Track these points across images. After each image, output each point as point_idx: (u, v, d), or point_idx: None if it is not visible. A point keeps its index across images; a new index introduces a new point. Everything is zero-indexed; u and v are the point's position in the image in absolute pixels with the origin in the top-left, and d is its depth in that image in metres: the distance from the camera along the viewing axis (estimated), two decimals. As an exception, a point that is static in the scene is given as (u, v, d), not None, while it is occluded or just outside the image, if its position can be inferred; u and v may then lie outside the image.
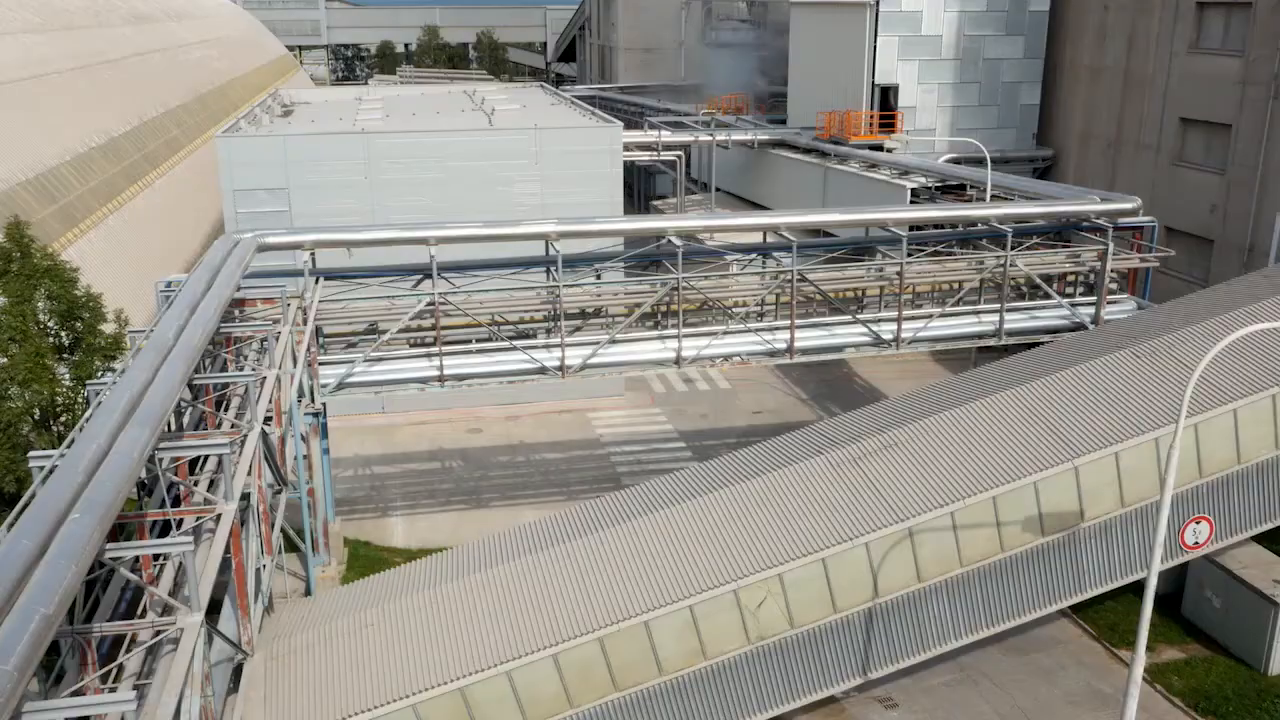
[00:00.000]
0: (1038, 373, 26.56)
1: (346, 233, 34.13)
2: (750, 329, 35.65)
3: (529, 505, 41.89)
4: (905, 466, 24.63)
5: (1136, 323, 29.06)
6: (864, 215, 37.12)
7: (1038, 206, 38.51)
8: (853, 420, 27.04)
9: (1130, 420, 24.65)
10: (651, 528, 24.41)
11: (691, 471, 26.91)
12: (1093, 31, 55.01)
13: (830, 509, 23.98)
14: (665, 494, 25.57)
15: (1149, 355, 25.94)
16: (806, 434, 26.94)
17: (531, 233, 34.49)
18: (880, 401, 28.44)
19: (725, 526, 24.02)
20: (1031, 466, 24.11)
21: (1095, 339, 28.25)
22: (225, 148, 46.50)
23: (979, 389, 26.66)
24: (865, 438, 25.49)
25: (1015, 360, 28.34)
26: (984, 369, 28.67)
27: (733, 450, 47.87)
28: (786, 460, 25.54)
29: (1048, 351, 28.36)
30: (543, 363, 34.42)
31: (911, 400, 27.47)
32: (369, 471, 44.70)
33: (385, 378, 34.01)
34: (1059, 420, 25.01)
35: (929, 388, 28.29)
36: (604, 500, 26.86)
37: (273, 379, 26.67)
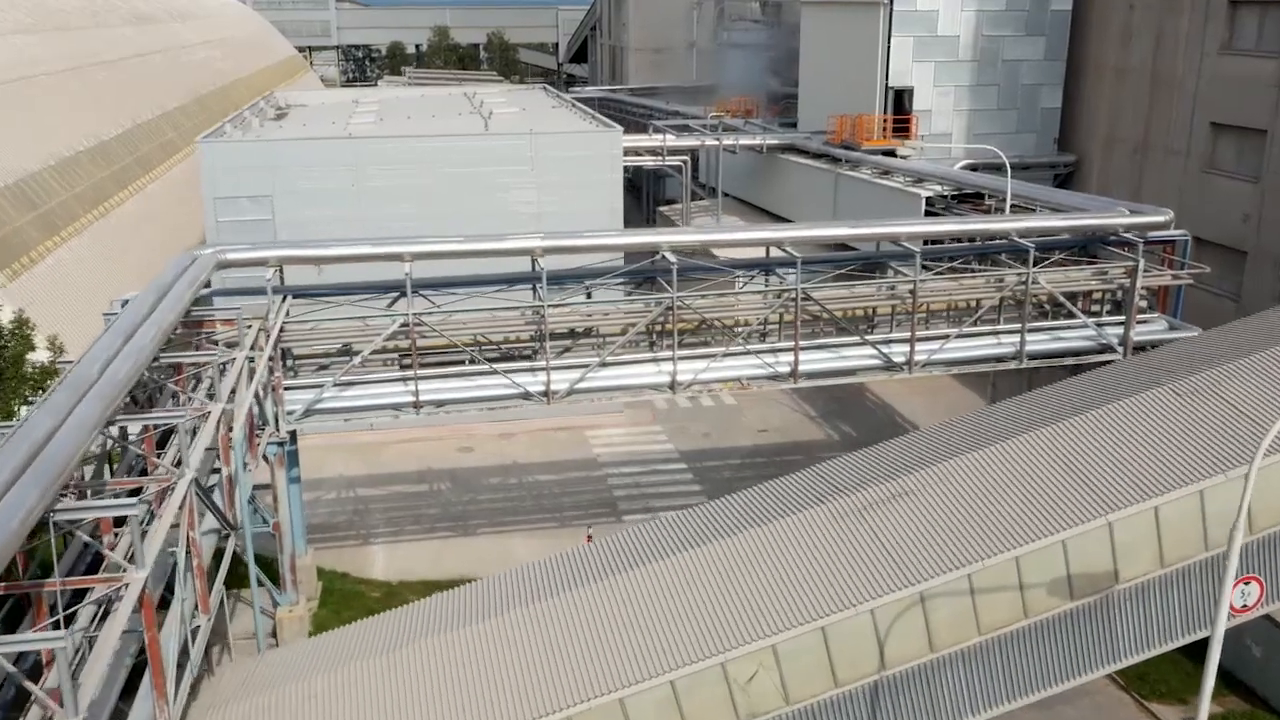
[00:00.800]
0: (1065, 412, 23.40)
1: (315, 248, 31.23)
2: (750, 350, 32.60)
3: (517, 532, 39.01)
4: (917, 520, 21.54)
5: (1175, 354, 25.83)
6: (874, 229, 34.01)
7: (1062, 220, 35.31)
8: (858, 462, 23.94)
9: (1172, 469, 21.49)
10: (630, 588, 21.42)
11: (676, 520, 23.89)
12: (1118, 31, 51.68)
13: (831, 569, 20.93)
14: (646, 547, 22.57)
15: (1192, 394, 22.76)
16: (805, 477, 23.87)
17: (515, 248, 31.55)
18: (889, 440, 25.28)
19: (713, 588, 21.01)
20: (1060, 522, 20.99)
21: (1128, 373, 25.04)
22: (207, 152, 43.72)
23: (999, 430, 23.52)
24: (871, 485, 22.42)
25: (1039, 396, 25.17)
26: (1005, 405, 25.50)
27: (736, 472, 45.51)
28: (783, 509, 22.48)
29: (1075, 386, 25.16)
30: (526, 388, 31.47)
31: (923, 440, 24.35)
32: (352, 494, 41.84)
33: (356, 404, 31.11)
34: (1090, 468, 21.87)
35: (943, 426, 25.15)
36: (580, 552, 23.89)
37: (217, 414, 23.77)
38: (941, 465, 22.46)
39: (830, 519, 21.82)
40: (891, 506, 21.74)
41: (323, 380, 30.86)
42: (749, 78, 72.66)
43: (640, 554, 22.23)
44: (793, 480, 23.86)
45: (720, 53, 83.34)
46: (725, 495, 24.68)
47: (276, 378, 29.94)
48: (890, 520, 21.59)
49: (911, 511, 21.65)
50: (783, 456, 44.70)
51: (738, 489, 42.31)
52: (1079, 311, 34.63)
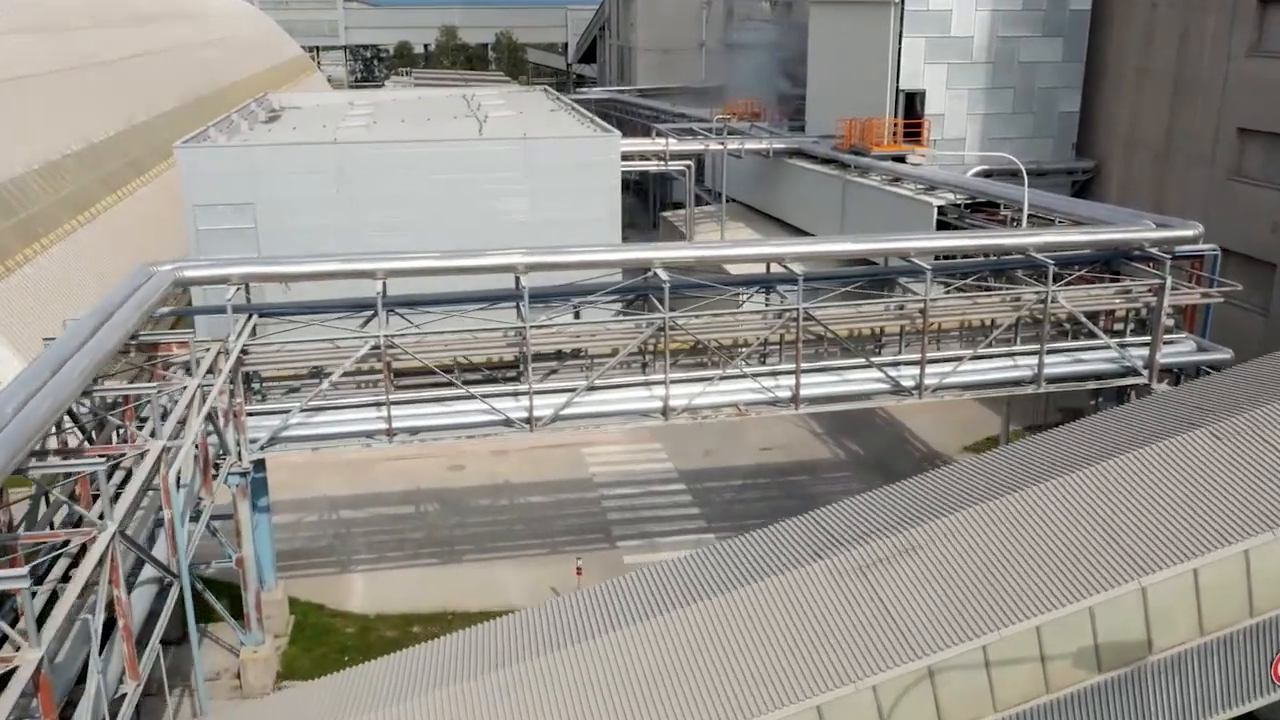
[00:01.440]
0: (1090, 456, 20.75)
1: (280, 264, 28.77)
2: (748, 374, 30.02)
3: (505, 560, 36.49)
4: (925, 581, 18.95)
5: (1213, 390, 23.11)
6: (882, 244, 31.37)
7: (1083, 234, 32.61)
8: (858, 510, 21.33)
9: (1213, 525, 18.86)
10: (602, 656, 18.89)
11: (655, 574, 21.34)
12: (1140, 32, 48.84)
13: (828, 638, 18.36)
14: (622, 608, 20.03)
15: (1234, 438, 20.09)
16: (800, 526, 21.30)
17: (496, 264, 29.06)
18: (894, 484, 22.65)
19: (692, 660, 18.47)
20: (1086, 586, 18.37)
21: (1160, 411, 22.35)
22: (185, 158, 41.38)
23: (1016, 475, 20.89)
24: (873, 538, 19.83)
25: (1060, 436, 22.51)
26: (1023, 446, 22.85)
27: (737, 493, 42.97)
28: (773, 565, 19.92)
29: (1100, 425, 22.49)
30: (507, 414, 28.97)
31: (932, 486, 21.73)
32: (335, 516, 39.37)
33: (325, 431, 28.66)
34: (1120, 523, 19.24)
35: (954, 469, 22.49)
36: (549, 608, 21.36)
37: (156, 451, 21.32)
38: (952, 517, 19.85)
39: (828, 578, 19.24)
40: (896, 565, 19.15)
41: (290, 405, 28.39)
42: (759, 79, 69.91)
43: (614, 616, 19.69)
44: (785, 529, 21.30)
45: (729, 53, 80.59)
46: (707, 546, 22.06)
47: (238, 403, 27.50)
48: (894, 581, 19.00)
49: (918, 571, 19.06)
50: (787, 477, 42.16)
51: (738, 513, 40.35)
52: (1100, 332, 31.97)
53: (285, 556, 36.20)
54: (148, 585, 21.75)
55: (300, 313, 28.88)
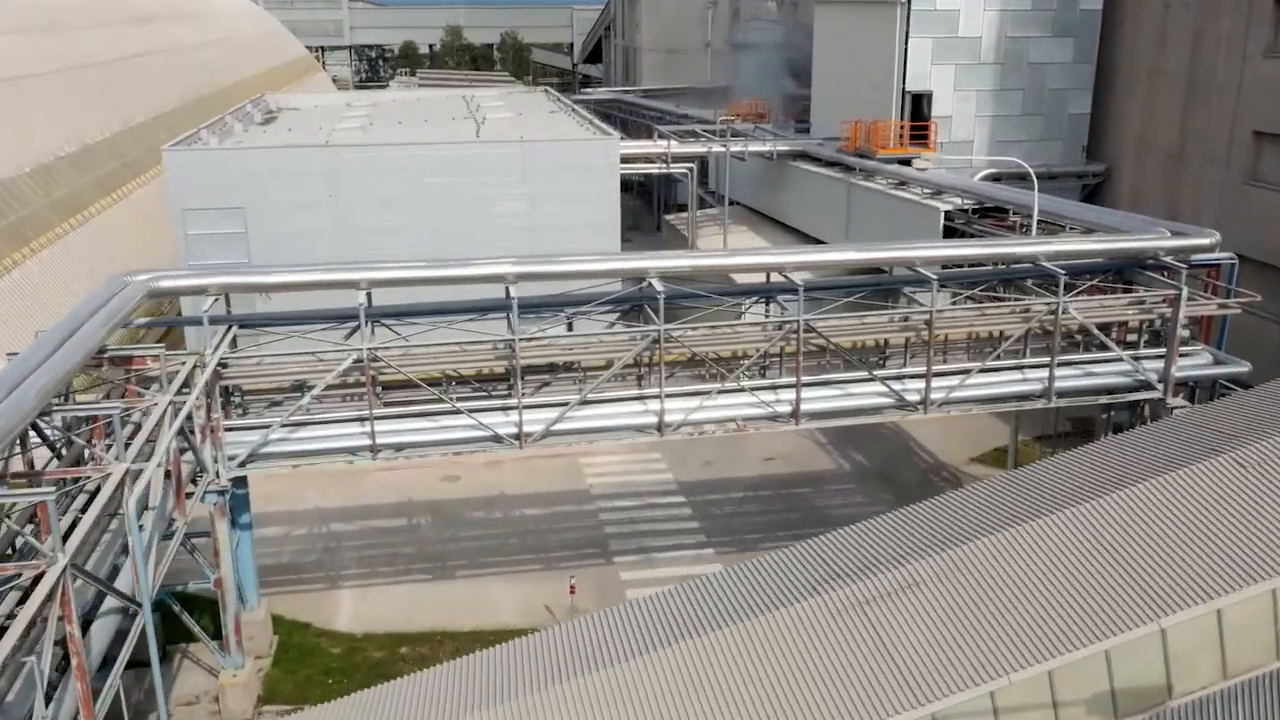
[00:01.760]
0: (1105, 484, 19.41)
1: (260, 275, 27.54)
2: (746, 388, 28.72)
3: (498, 576, 35.24)
4: (929, 619, 17.64)
5: (1233, 412, 21.74)
6: (886, 253, 30.03)
7: (1096, 242, 31.26)
8: (858, 540, 20.01)
9: (1237, 561, 17.52)
10: (580, 699, 17.62)
11: (640, 610, 20.05)
12: (1152, 32, 47.40)
13: (824, 681, 17.06)
14: (606, 646, 18.75)
15: (1260, 467, 18.75)
16: (799, 555, 19.99)
17: (485, 274, 27.77)
18: (898, 511, 21.32)
19: (676, 705, 17.17)
20: (1102, 626, 17.05)
21: (1179, 435, 20.99)
22: (172, 162, 40.20)
23: (1027, 504, 19.56)
24: (876, 571, 18.52)
25: (1074, 460, 21.16)
26: (1034, 471, 21.49)
27: (738, 506, 41.64)
28: (770, 599, 18.62)
29: (1117, 450, 21.13)
30: (496, 430, 27.72)
31: (937, 514, 20.39)
32: (325, 530, 38.15)
33: (307, 447, 27.44)
34: (1137, 558, 17.90)
35: (961, 495, 21.13)
36: (526, 646, 20.08)
37: (119, 475, 20.11)
38: (958, 550, 18.53)
39: (825, 615, 17.94)
40: (898, 601, 17.85)
41: (270, 420, 27.16)
42: (764, 80, 68.52)
43: (598, 653, 18.41)
44: (782, 559, 19.97)
45: (735, 54, 79.20)
46: (700, 578, 20.74)
47: (215, 419, 26.27)
48: (896, 619, 17.70)
49: (922, 608, 17.75)
50: (789, 489, 40.84)
51: (738, 526, 39.05)
52: (1113, 344, 30.62)
53: (272, 571, 35.07)
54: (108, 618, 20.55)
55: (282, 324, 27.64)
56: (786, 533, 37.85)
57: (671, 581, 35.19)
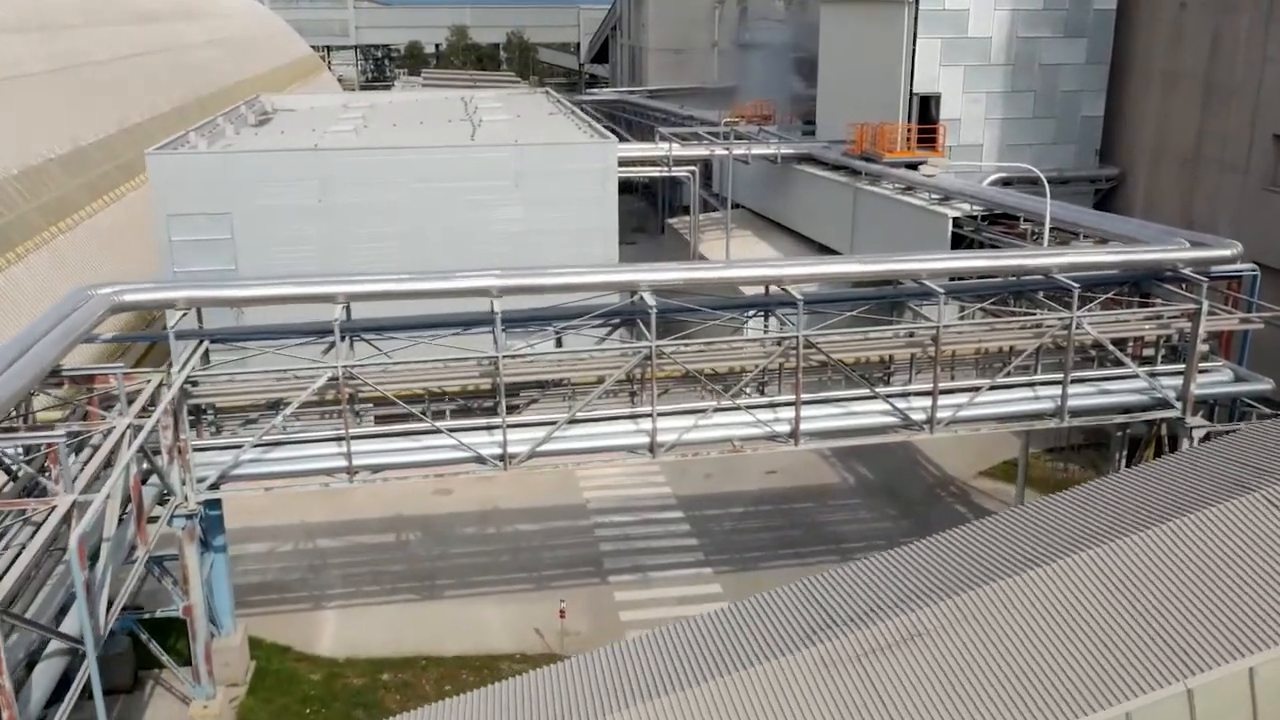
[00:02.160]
0: (1127, 523, 17.77)
1: (231, 288, 26.04)
2: (743, 406, 27.14)
3: (489, 596, 33.79)
4: (932, 675, 16.03)
5: (1264, 442, 20.07)
6: (890, 265, 28.39)
7: (1111, 253, 29.60)
8: (859, 580, 18.41)
9: (1272, 612, 15.88)
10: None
11: (628, 654, 18.46)
12: (1168, 33, 45.63)
13: (818, 745, 15.49)
14: (591, 694, 17.19)
15: (1294, 507, 17.14)
16: (787, 598, 18.37)
17: (468, 287, 26.23)
18: (903, 547, 19.68)
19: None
20: (1122, 686, 15.42)
21: (1206, 469, 19.31)
22: (156, 166, 38.73)
23: (1039, 544, 17.93)
24: (874, 620, 16.91)
25: (1091, 496, 19.50)
26: (1048, 505, 19.83)
27: (738, 521, 40.02)
28: (759, 649, 17.03)
29: (1138, 484, 19.46)
30: (479, 451, 26.19)
31: (945, 551, 18.78)
32: (310, 546, 36.68)
33: (280, 469, 25.95)
34: (1162, 607, 16.27)
35: (968, 532, 19.48)
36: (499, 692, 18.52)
37: (64, 507, 18.63)
38: (965, 597, 16.92)
39: (818, 668, 16.34)
40: (898, 654, 16.24)
41: (242, 440, 25.66)
42: (772, 80, 66.85)
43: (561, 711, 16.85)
44: (776, 600, 18.36)
45: (742, 54, 77.58)
46: (690, 620, 19.12)
47: (183, 440, 24.78)
48: (896, 674, 16.09)
49: (925, 663, 16.15)
50: (791, 504, 39.29)
51: (738, 544, 37.46)
52: (1129, 360, 28.96)
53: (254, 590, 33.69)
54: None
55: (256, 338, 26.14)
56: (788, 550, 36.36)
57: (667, 603, 34.07)
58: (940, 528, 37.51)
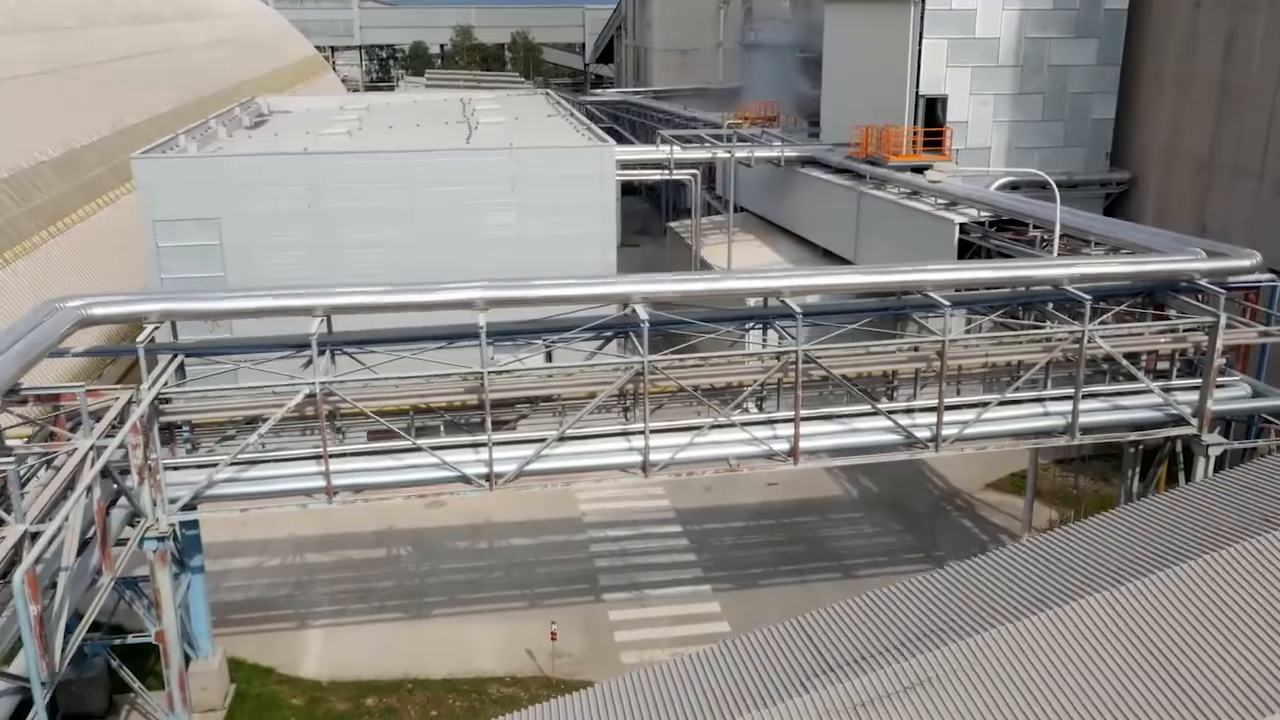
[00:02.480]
0: (1142, 561, 16.49)
1: (206, 300, 24.80)
2: (736, 423, 25.88)
3: (479, 615, 32.65)
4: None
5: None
6: (893, 276, 27.10)
7: (1124, 264, 28.26)
8: (861, 619, 17.15)
9: (1302, 663, 14.61)
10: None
11: (619, 694, 17.25)
12: (1181, 33, 44.24)
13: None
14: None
15: (1327, 545, 15.83)
16: (788, 636, 17.13)
17: (452, 299, 25.02)
18: (906, 581, 18.40)
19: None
20: (1140, 744, 14.17)
21: (1231, 498, 18.01)
22: (142, 170, 37.61)
23: (1054, 581, 16.65)
24: (876, 666, 15.65)
25: (1108, 527, 18.20)
26: (1061, 538, 18.51)
27: (738, 536, 38.66)
28: (751, 697, 15.79)
29: (1158, 516, 18.15)
30: (463, 470, 24.99)
31: (952, 587, 17.50)
32: (299, 561, 35.53)
33: (256, 489, 24.73)
34: (1182, 657, 14.99)
35: (977, 565, 18.18)
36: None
37: (14, 538, 17.47)
38: (973, 640, 15.65)
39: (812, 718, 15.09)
40: (901, 704, 14.98)
41: (216, 460, 24.47)
42: (777, 81, 65.49)
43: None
44: (770, 640, 17.11)
45: (747, 55, 76.27)
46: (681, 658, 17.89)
47: (154, 460, 23.60)
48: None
49: (928, 713, 14.88)
50: (793, 517, 38.10)
51: (738, 560, 36.17)
52: (1142, 375, 27.65)
53: (240, 608, 32.62)
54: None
55: (231, 352, 24.95)
56: (788, 567, 35.16)
57: (663, 623, 32.84)
58: (946, 543, 36.78)
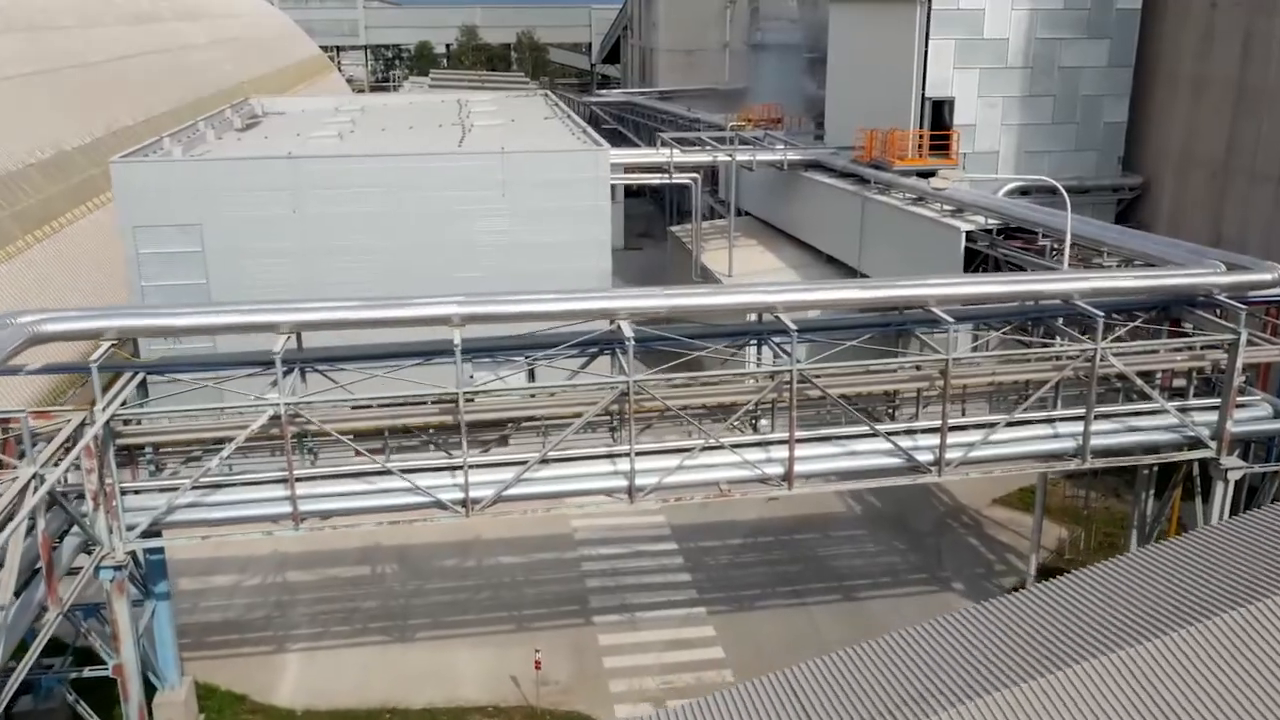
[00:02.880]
0: (1176, 614, 14.86)
1: (164, 317, 23.23)
2: (726, 445, 24.32)
3: (464, 638, 31.20)
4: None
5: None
6: (894, 291, 25.46)
7: (1139, 278, 26.60)
8: (861, 671, 15.56)
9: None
10: None
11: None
12: (1196, 34, 42.48)
13: None
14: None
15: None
16: (763, 695, 15.55)
17: (426, 315, 23.49)
18: (922, 625, 16.77)
19: None
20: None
21: (1267, 541, 16.34)
22: (121, 174, 36.21)
23: (1063, 635, 15.04)
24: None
25: (1130, 571, 16.56)
26: (1075, 583, 16.86)
27: (735, 555, 37.00)
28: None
29: (1187, 557, 16.47)
30: (437, 495, 23.49)
31: (954, 640, 15.89)
32: (280, 580, 34.08)
33: (219, 515, 23.25)
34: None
35: (990, 614, 16.55)
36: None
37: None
38: (970, 706, 14.05)
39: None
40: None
41: (177, 484, 23.00)
42: (784, 82, 63.82)
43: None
44: (764, 692, 15.54)
45: (754, 55, 74.62)
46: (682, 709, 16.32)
47: (109, 485, 22.14)
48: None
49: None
50: (792, 535, 36.56)
51: (735, 581, 34.53)
52: (1158, 395, 25.99)
53: (216, 629, 31.25)
54: None
55: (193, 369, 23.46)
56: (786, 588, 33.62)
57: (655, 648, 31.27)
58: (951, 563, 35.14)
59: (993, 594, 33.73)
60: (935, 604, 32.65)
